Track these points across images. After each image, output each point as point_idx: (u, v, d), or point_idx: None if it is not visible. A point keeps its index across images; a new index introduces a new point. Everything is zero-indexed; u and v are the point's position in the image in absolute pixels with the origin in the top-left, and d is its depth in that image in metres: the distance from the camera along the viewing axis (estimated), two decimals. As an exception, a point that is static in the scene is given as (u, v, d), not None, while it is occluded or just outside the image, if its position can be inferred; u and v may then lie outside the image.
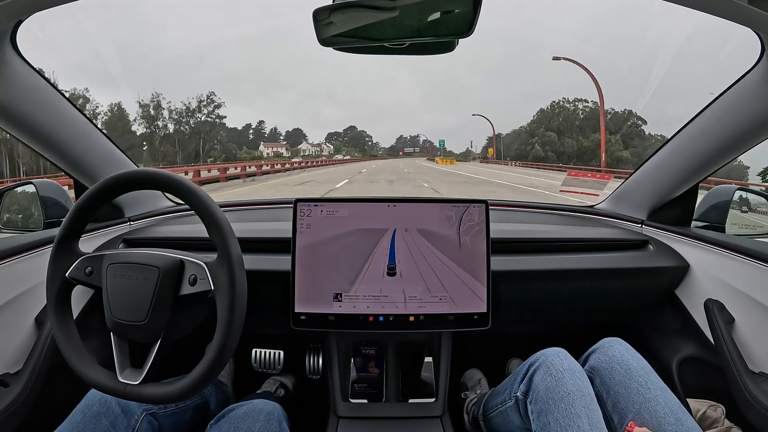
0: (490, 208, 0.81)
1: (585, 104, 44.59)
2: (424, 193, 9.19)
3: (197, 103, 42.69)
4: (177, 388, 0.58)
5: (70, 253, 0.65)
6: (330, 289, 0.79)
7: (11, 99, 0.71)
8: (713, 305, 0.83)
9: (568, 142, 41.19)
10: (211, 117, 43.05)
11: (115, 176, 0.63)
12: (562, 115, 43.84)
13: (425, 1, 0.50)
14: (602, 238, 0.99)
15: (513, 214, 1.17)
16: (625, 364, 0.70)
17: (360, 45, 0.58)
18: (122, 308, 0.60)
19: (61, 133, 0.82)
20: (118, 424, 0.65)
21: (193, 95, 52.12)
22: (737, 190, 1.00)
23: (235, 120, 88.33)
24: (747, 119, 0.74)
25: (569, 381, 0.65)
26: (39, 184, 0.95)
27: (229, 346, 0.58)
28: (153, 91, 42.91)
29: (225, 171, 13.68)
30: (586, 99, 45.17)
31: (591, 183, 2.01)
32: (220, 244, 0.59)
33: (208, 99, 43.54)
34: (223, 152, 43.46)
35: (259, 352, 1.06)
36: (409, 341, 0.89)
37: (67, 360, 0.62)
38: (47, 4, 0.55)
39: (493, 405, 0.80)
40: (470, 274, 0.79)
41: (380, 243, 0.79)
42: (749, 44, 0.63)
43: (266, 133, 61.64)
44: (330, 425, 0.82)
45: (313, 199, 0.80)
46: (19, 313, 0.75)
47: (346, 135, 74.76)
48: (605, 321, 1.11)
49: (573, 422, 0.61)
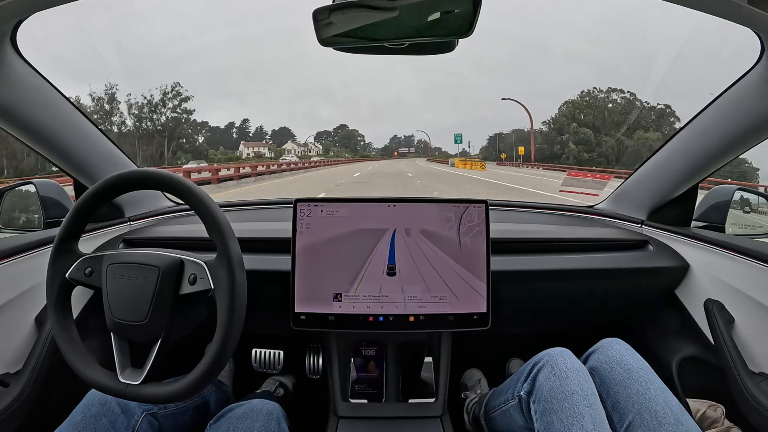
0: (490, 208, 0.81)
1: (621, 95, 34.73)
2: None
3: (161, 95, 35.87)
4: (177, 388, 0.58)
5: (70, 253, 0.64)
6: (330, 289, 0.79)
7: (11, 99, 0.71)
8: (713, 305, 0.83)
9: (606, 140, 32.03)
10: (178, 111, 36.50)
11: (115, 176, 0.63)
12: (593, 107, 34.70)
13: (425, 1, 0.50)
14: (602, 238, 0.99)
15: (513, 214, 1.17)
16: (625, 365, 0.70)
17: (360, 45, 0.58)
18: (122, 308, 0.60)
19: (61, 133, 0.82)
20: (118, 424, 0.65)
21: (156, 86, 42.41)
22: (737, 190, 1.00)
23: (224, 118, 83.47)
24: (747, 119, 0.74)
25: (573, 380, 0.65)
26: (39, 184, 0.95)
27: (229, 346, 0.58)
28: (107, 82, 33.61)
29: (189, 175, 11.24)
30: (621, 88, 35.42)
31: (591, 183, 2.01)
32: (220, 244, 0.59)
33: (174, 91, 36.30)
34: (192, 152, 37.54)
35: (259, 352, 1.06)
36: (409, 341, 0.89)
37: (67, 360, 0.62)
38: (47, 4, 0.55)
39: (496, 404, 0.80)
40: (470, 274, 0.79)
41: (380, 243, 0.79)
42: (749, 44, 0.63)
43: (251, 132, 56.93)
44: (330, 425, 0.82)
45: (313, 199, 0.80)
46: (19, 313, 0.75)
47: (336, 134, 69.76)
48: (605, 321, 1.11)
49: (576, 422, 0.61)
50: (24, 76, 0.71)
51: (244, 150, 51.06)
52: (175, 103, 36.53)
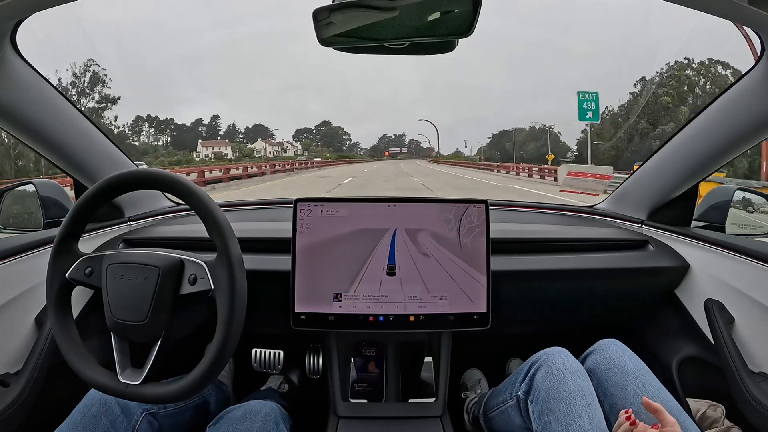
0: (489, 208, 0.81)
1: (730, 69, 22.22)
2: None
3: (72, 77, 26.67)
4: (178, 388, 0.58)
5: (70, 253, 0.65)
6: (330, 289, 0.79)
7: (11, 99, 0.71)
8: (713, 305, 0.83)
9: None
10: (94, 99, 27.64)
11: (115, 176, 0.63)
12: (678, 89, 22.67)
13: (425, 1, 0.50)
14: (602, 238, 0.99)
15: (513, 214, 1.17)
16: (622, 366, 0.70)
17: (360, 45, 0.58)
18: (122, 308, 0.60)
19: (61, 133, 0.82)
20: (118, 424, 0.65)
21: (67, 65, 28.98)
22: (737, 190, 1.00)
23: (199, 114, 74.73)
24: (747, 119, 0.74)
25: (570, 380, 0.65)
26: (39, 184, 0.95)
27: (229, 346, 0.58)
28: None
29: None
30: (728, 62, 22.70)
31: (591, 183, 2.01)
32: (220, 244, 0.59)
33: (86, 69, 26.85)
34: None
35: (259, 352, 1.06)
36: (409, 341, 0.89)
37: (67, 360, 0.62)
38: (47, 4, 0.55)
39: (494, 404, 0.80)
40: (470, 274, 0.79)
41: (380, 243, 0.79)
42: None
43: (222, 130, 49.04)
44: (330, 425, 0.82)
45: (313, 199, 0.80)
46: (19, 313, 0.75)
47: (318, 132, 61.52)
48: (605, 321, 1.11)
49: (574, 421, 0.61)
50: (24, 76, 0.71)
51: (202, 150, 43.71)
52: (84, 85, 27.12)
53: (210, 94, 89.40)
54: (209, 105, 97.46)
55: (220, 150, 45.25)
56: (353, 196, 0.82)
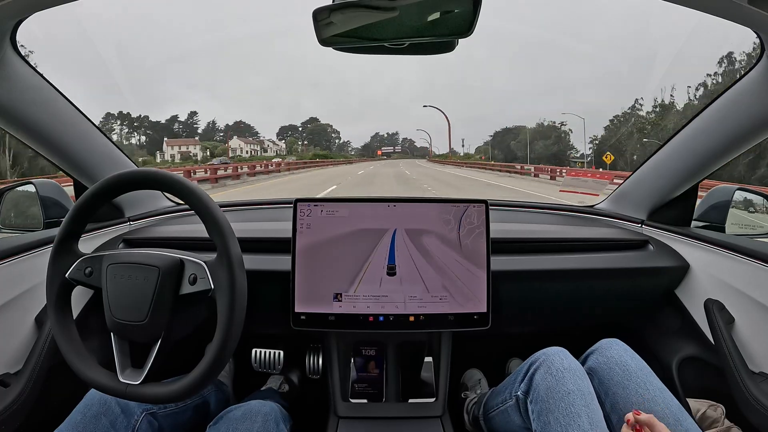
0: (490, 208, 0.81)
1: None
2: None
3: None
4: (178, 388, 0.58)
5: (70, 253, 0.65)
6: (330, 289, 0.79)
7: (11, 99, 0.71)
8: (713, 305, 0.83)
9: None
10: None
11: (114, 176, 0.63)
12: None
13: (425, 1, 0.50)
14: (602, 238, 0.99)
15: (513, 214, 1.17)
16: (624, 365, 0.70)
17: (360, 45, 0.58)
18: (122, 308, 0.60)
19: (61, 133, 0.82)
20: (117, 424, 0.65)
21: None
22: (737, 190, 1.00)
23: (176, 111, 69.63)
24: (747, 119, 0.74)
25: (569, 380, 0.65)
26: (39, 184, 0.95)
27: (229, 346, 0.58)
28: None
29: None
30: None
31: (591, 183, 2.01)
32: (220, 244, 0.59)
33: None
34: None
35: (259, 352, 1.06)
36: (409, 341, 0.89)
37: (67, 360, 0.62)
38: (47, 4, 0.55)
39: (494, 404, 0.81)
40: (470, 273, 0.79)
41: (380, 243, 0.79)
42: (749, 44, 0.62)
43: (200, 127, 44.79)
44: (330, 425, 0.82)
45: (313, 199, 0.80)
46: (19, 313, 0.75)
47: (305, 129, 56.63)
48: (605, 321, 1.11)
49: (573, 421, 0.61)
50: (24, 76, 0.71)
51: (167, 150, 39.62)
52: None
53: (197, 91, 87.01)
54: (193, 103, 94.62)
55: (188, 149, 40.82)
56: (353, 196, 0.82)
